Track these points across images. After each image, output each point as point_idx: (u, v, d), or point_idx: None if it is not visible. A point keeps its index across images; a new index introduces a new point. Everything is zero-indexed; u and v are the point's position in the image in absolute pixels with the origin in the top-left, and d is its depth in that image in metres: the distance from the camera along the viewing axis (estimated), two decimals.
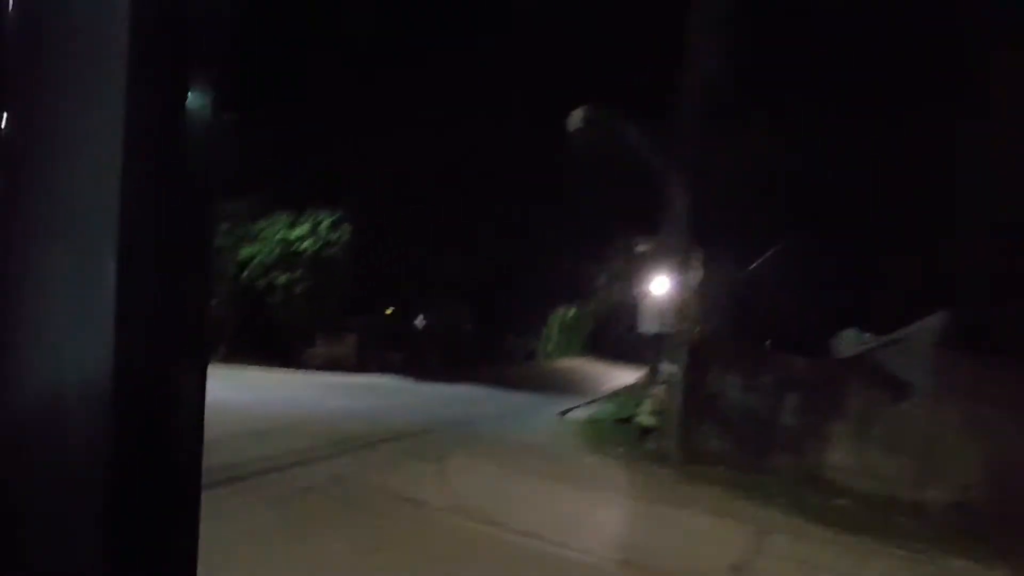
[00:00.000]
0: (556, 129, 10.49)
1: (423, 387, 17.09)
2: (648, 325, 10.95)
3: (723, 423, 10.46)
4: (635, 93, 11.17)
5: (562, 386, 21.56)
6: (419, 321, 23.26)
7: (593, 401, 16.51)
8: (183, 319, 0.64)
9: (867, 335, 9.14)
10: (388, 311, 22.80)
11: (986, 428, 8.38)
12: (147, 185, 0.57)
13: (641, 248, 11.82)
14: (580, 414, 14.31)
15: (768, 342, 11.20)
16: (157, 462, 0.63)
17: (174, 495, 0.65)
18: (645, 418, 11.06)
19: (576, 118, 9.94)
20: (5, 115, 0.59)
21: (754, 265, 11.65)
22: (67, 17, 0.57)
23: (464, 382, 18.82)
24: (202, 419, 0.66)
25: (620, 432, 11.98)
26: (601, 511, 7.20)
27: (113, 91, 0.55)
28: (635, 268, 11.77)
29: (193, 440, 0.66)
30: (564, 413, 14.36)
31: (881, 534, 6.90)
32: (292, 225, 16.88)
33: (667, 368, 10.76)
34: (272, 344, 18.39)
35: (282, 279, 16.99)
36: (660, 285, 10.96)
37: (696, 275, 10.45)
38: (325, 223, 17.13)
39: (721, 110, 11.25)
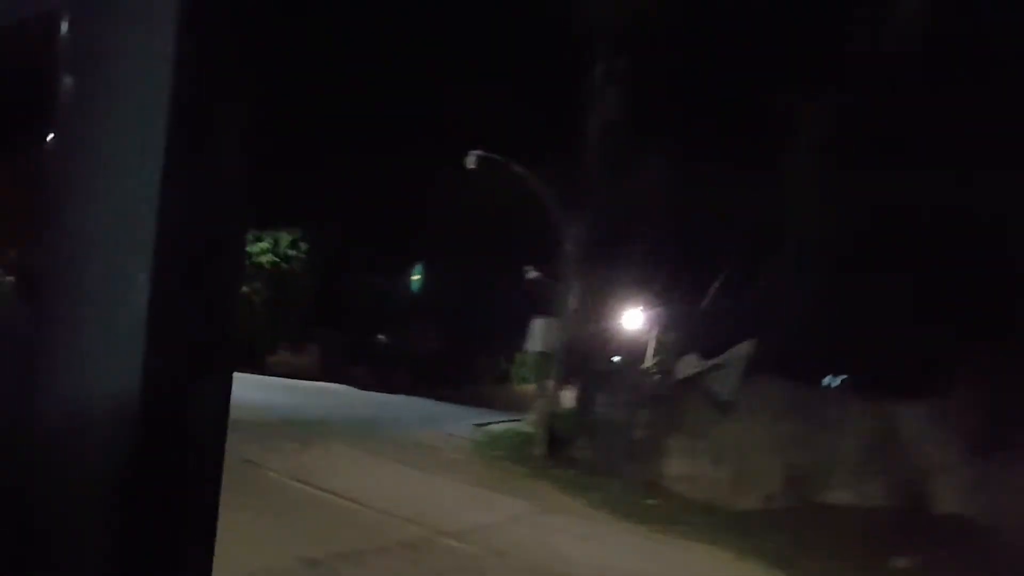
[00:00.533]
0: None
1: (365, 395, 18.52)
2: (533, 344, 12.32)
3: (591, 434, 11.79)
4: (533, 141, 12.67)
5: (512, 405, 22.70)
6: (382, 338, 24.76)
7: (520, 418, 17.73)
8: (212, 335, 0.65)
9: (701, 359, 10.46)
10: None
11: (787, 443, 9.65)
12: (182, 203, 0.59)
13: (531, 275, 13.25)
14: (498, 427, 15.56)
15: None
16: (177, 478, 0.64)
17: (193, 509, 0.66)
18: (527, 427, 12.39)
19: (471, 160, 11.48)
20: (52, 135, 0.62)
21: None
22: (114, 43, 0.60)
23: (413, 395, 20.18)
24: (224, 435, 0.68)
25: (515, 440, 13.28)
26: (432, 491, 8.52)
27: (154, 115, 0.58)
28: (534, 294, 13.13)
29: (214, 456, 0.67)
30: (481, 425, 15.63)
31: (653, 523, 8.16)
32: (254, 241, 18.51)
33: (547, 384, 12.12)
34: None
35: (243, 288, 18.60)
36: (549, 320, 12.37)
37: (575, 303, 11.86)
38: (285, 241, 18.79)
39: (620, 153, 12.78)
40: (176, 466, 0.64)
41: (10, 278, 0.73)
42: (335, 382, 21.06)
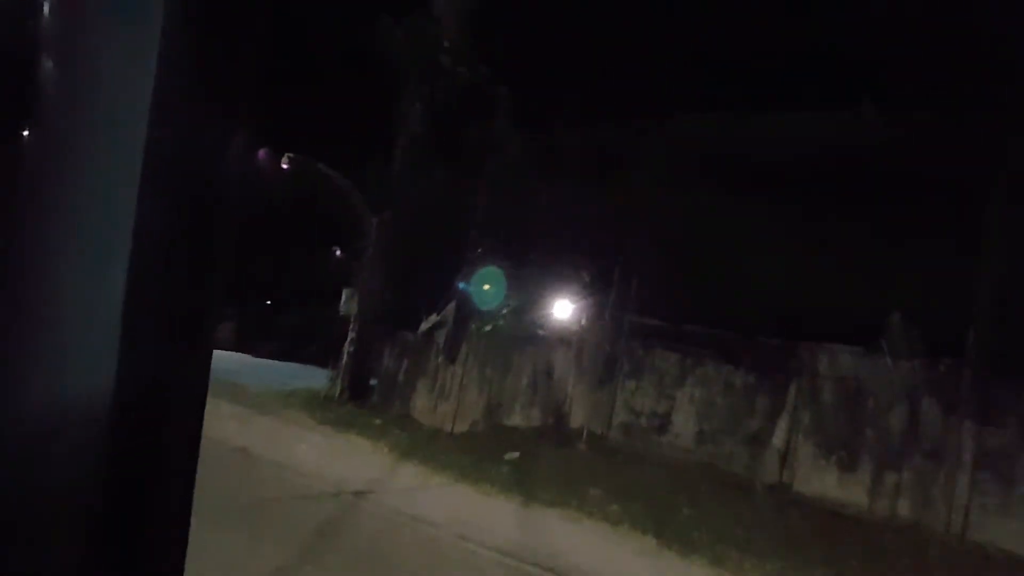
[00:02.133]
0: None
1: (253, 360, 21.66)
2: (345, 309, 15.43)
3: (375, 378, 14.90)
4: (352, 150, 15.66)
5: None
6: (289, 317, 27.93)
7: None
8: (189, 329, 0.65)
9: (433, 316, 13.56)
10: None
11: (487, 382, 12.76)
12: (162, 198, 0.58)
13: (338, 254, 16.31)
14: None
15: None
16: (152, 470, 0.63)
17: (167, 499, 0.66)
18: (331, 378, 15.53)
19: (284, 160, 14.53)
20: (27, 131, 0.61)
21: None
22: (95, 38, 0.59)
23: (305, 363, 23.26)
24: (200, 425, 0.68)
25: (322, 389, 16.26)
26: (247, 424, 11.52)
27: (135, 112, 0.57)
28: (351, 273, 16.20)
29: (189, 448, 0.67)
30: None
31: (366, 434, 11.25)
32: None
33: (348, 338, 15.24)
34: None
35: None
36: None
37: (370, 282, 14.95)
38: None
39: (423, 160, 15.79)
40: (150, 459, 0.63)
41: None
42: (241, 352, 24.21)
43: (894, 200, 9.06)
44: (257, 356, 23.04)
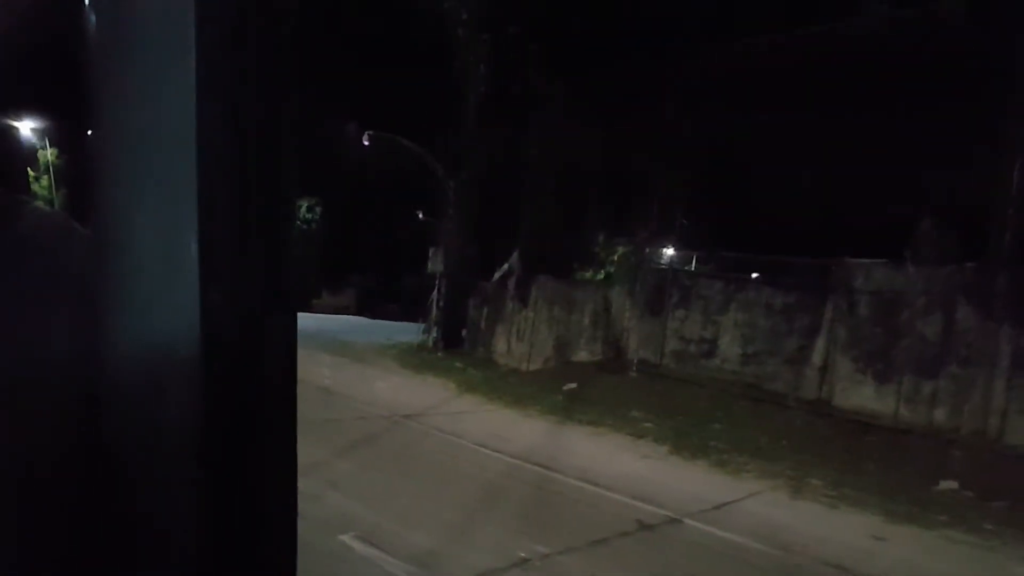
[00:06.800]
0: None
1: (368, 322, 24.02)
2: (432, 267, 16.95)
3: (465, 327, 16.33)
4: (421, 118, 16.91)
5: None
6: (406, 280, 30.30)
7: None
8: (267, 282, 0.66)
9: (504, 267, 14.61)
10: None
11: (554, 322, 13.72)
12: (223, 155, 0.61)
13: (422, 217, 17.64)
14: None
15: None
16: (249, 421, 0.65)
17: (267, 452, 0.67)
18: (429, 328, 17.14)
19: (365, 137, 16.11)
20: (90, 132, 0.65)
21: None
22: (139, 40, 0.63)
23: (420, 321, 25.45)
24: (294, 374, 0.69)
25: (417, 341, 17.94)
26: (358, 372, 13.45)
27: (184, 95, 0.59)
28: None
29: (285, 397, 0.68)
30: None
31: (442, 375, 12.69)
32: None
33: (434, 295, 16.76)
34: None
35: None
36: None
37: (453, 240, 16.28)
38: (303, 207, 24.45)
39: (489, 117, 16.74)
40: (245, 410, 0.64)
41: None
42: (362, 316, 26.81)
43: (918, 102, 8.78)
44: (374, 318, 25.46)
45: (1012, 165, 8.04)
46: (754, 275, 11.17)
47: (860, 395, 9.36)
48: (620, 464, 7.34)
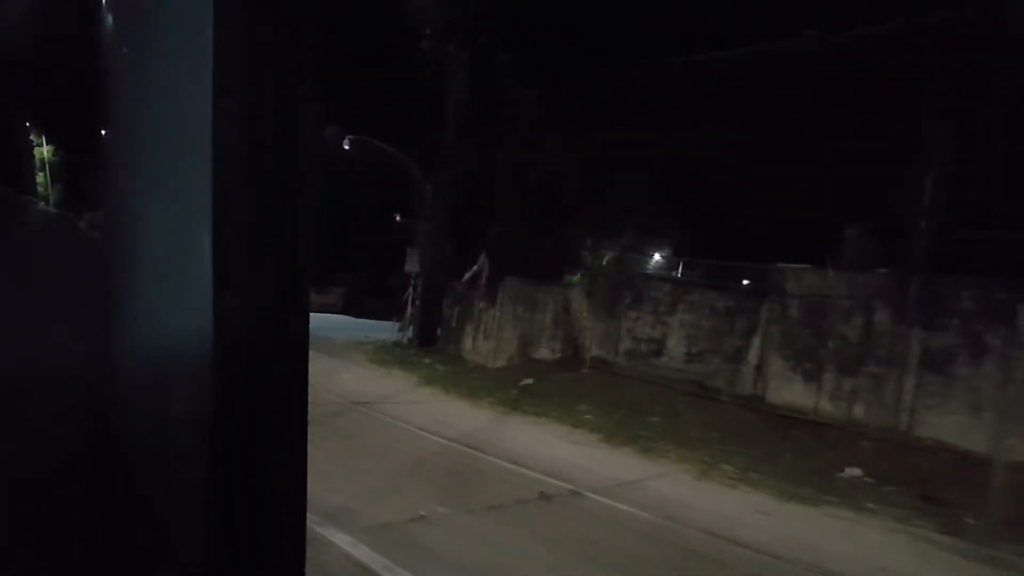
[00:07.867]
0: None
1: (351, 320, 24.60)
2: (409, 267, 17.55)
3: (439, 326, 16.92)
4: (400, 125, 17.54)
5: None
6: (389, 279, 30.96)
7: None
8: (281, 285, 0.67)
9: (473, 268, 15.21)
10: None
11: (519, 321, 14.31)
12: (236, 164, 0.61)
13: (399, 220, 18.30)
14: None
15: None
16: (260, 423, 0.65)
17: (277, 454, 0.68)
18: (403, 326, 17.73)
19: (345, 142, 16.74)
20: (104, 130, 0.66)
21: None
22: (155, 41, 0.63)
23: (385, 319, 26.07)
24: (306, 376, 0.70)
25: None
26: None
27: (200, 99, 0.59)
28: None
29: (296, 401, 0.70)
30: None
31: (407, 369, 13.27)
32: None
33: (408, 294, 17.36)
34: None
35: None
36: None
37: (429, 241, 16.90)
38: None
39: (468, 123, 17.39)
40: (256, 408, 0.64)
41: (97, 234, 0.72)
42: (348, 314, 27.39)
43: (848, 121, 9.41)
44: (358, 316, 26.08)
45: (923, 180, 8.66)
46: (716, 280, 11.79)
47: (790, 391, 9.96)
48: (548, 448, 7.91)
